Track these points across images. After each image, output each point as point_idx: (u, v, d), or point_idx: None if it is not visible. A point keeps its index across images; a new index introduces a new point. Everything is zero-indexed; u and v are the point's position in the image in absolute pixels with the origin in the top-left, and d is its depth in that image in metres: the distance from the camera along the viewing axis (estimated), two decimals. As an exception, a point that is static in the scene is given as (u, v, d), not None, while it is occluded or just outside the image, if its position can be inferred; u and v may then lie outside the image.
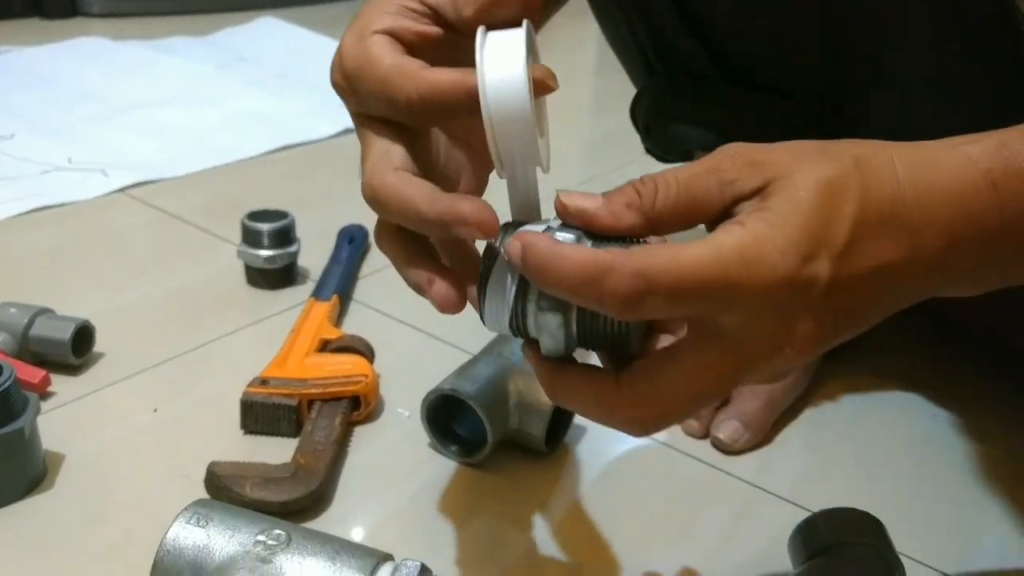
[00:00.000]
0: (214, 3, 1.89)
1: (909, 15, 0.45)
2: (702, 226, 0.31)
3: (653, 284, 0.27)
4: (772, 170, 0.29)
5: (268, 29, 1.69)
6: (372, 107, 0.34)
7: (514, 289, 0.31)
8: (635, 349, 0.32)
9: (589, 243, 0.30)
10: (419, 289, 0.34)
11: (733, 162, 0.30)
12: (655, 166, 0.63)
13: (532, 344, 0.32)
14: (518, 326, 0.32)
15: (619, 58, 0.62)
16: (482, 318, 0.33)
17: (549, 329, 0.31)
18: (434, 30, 0.35)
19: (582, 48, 1.78)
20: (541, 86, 0.32)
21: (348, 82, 0.34)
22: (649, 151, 0.63)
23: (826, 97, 0.51)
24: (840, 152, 0.30)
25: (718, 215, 0.30)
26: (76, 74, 1.28)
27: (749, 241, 0.27)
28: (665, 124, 0.58)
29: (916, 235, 0.29)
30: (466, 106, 0.31)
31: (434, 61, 0.33)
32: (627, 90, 0.67)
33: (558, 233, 0.30)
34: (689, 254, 0.27)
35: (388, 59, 0.33)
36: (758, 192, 0.29)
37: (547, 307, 0.30)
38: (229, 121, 1.14)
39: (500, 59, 0.31)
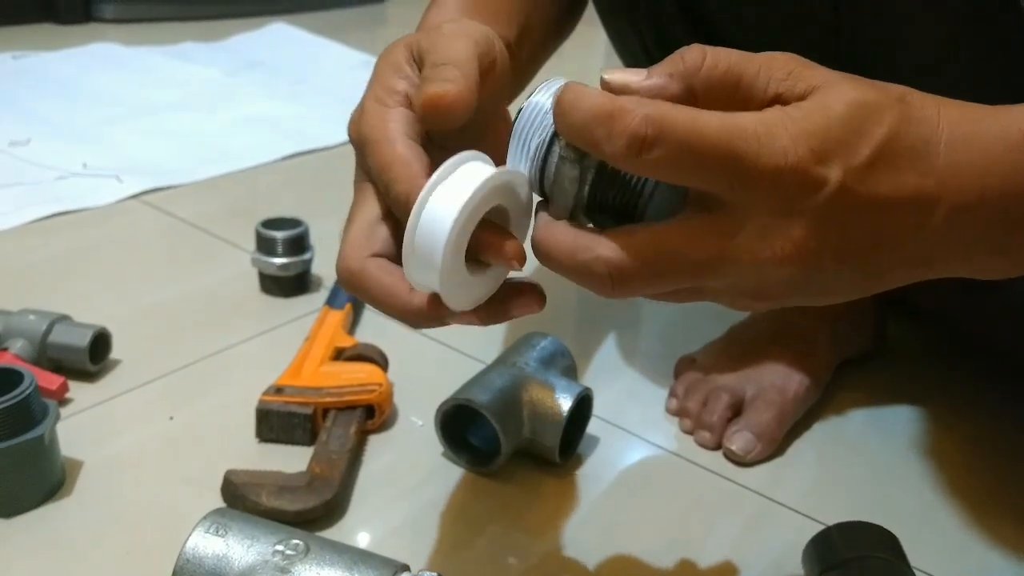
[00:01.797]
0: (226, 9, 1.91)
1: (922, 23, 0.45)
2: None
3: (663, 133, 0.27)
4: (820, 80, 0.29)
5: (280, 35, 1.70)
6: (372, 178, 0.35)
7: (544, 139, 0.31)
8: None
9: None
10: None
11: (786, 63, 0.29)
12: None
13: (543, 205, 0.32)
14: (538, 177, 0.32)
15: (623, 62, 0.62)
16: (508, 159, 0.32)
17: (562, 183, 0.31)
18: None
19: (591, 56, 1.79)
20: (494, 252, 0.31)
21: (359, 146, 0.35)
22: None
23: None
24: (889, 87, 0.30)
25: (757, 105, 0.29)
26: (90, 79, 1.29)
27: (766, 122, 0.27)
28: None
29: (941, 178, 0.29)
30: None
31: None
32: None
33: None
34: (706, 117, 0.27)
35: (399, 146, 0.33)
36: (799, 100, 0.29)
37: (567, 156, 0.30)
38: (242, 127, 1.15)
39: (441, 204, 0.29)
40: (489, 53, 0.35)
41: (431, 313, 0.32)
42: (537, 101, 0.32)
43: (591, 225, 0.31)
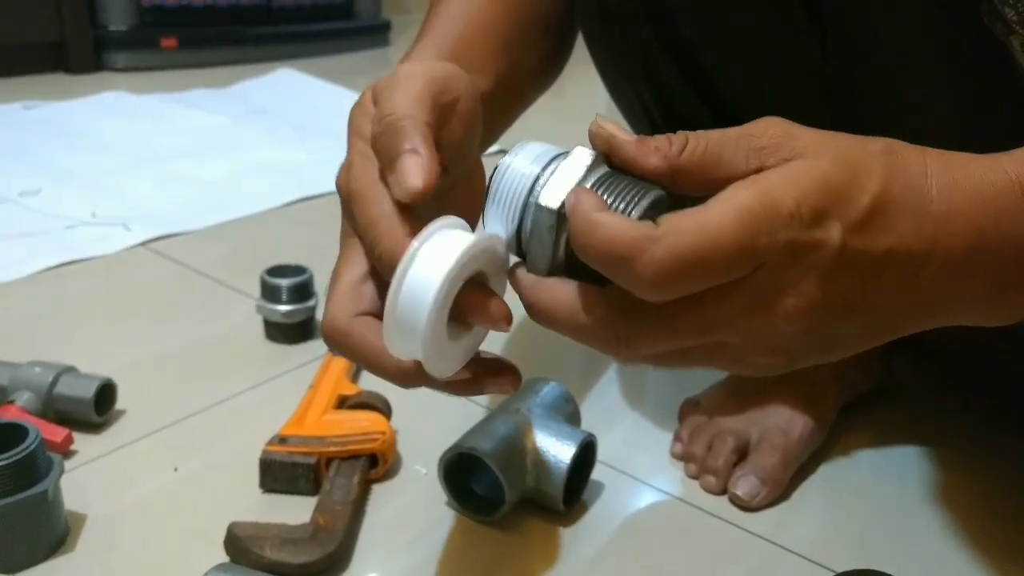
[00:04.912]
0: (234, 55, 1.95)
1: (911, 61, 0.45)
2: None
3: (685, 264, 0.27)
4: (801, 145, 0.29)
5: (286, 81, 1.73)
6: (359, 234, 0.34)
7: (520, 198, 0.32)
8: None
9: (603, 168, 0.31)
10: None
11: (767, 130, 0.30)
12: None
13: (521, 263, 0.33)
14: (515, 237, 0.32)
15: (626, 119, 0.63)
16: (484, 216, 0.33)
17: (541, 241, 0.31)
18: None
19: (592, 91, 1.81)
20: (480, 314, 0.31)
21: (346, 200, 0.35)
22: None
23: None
24: (872, 142, 0.30)
25: (740, 179, 0.30)
26: (100, 128, 1.31)
27: (764, 193, 0.28)
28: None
29: (938, 225, 0.29)
30: None
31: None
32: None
33: (577, 148, 0.32)
34: (715, 221, 0.27)
35: (385, 204, 0.33)
36: (783, 163, 0.29)
37: (545, 215, 0.31)
38: (248, 173, 1.17)
39: (426, 266, 0.30)
40: (447, 91, 0.35)
41: (416, 376, 0.32)
42: (510, 162, 0.32)
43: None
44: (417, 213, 0.33)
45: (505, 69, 0.46)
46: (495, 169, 0.33)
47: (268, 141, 1.32)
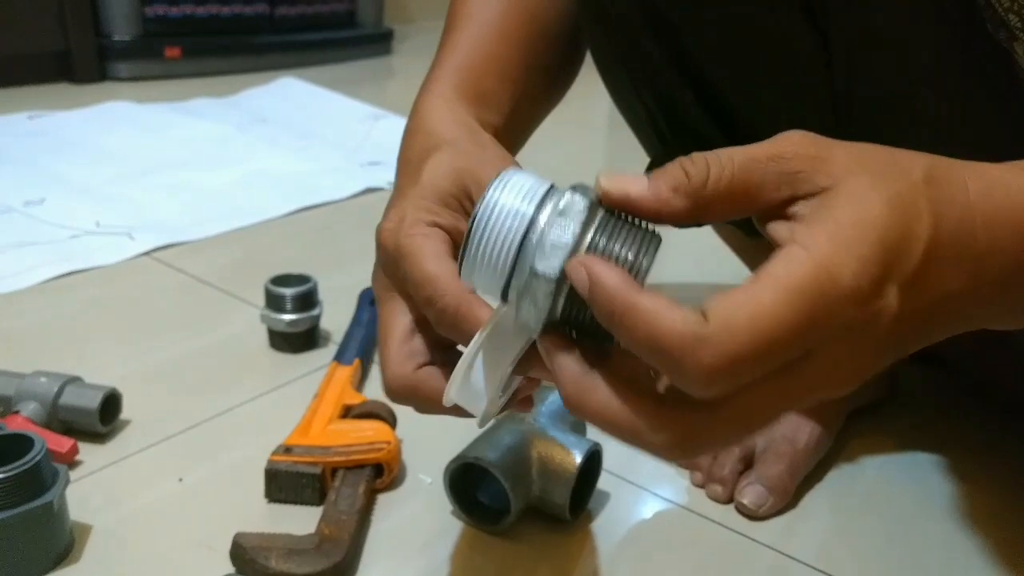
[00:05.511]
0: (237, 64, 1.95)
1: (914, 66, 0.45)
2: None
3: (738, 366, 0.25)
4: (838, 171, 0.27)
5: (289, 89, 1.73)
6: (408, 290, 0.35)
7: (511, 247, 0.29)
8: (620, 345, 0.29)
9: (599, 213, 0.28)
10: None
11: (796, 152, 0.27)
12: (667, 227, 0.64)
13: (551, 340, 0.29)
14: (503, 286, 0.29)
15: (632, 129, 0.63)
16: (460, 264, 0.30)
17: (534, 296, 0.28)
18: None
19: (595, 103, 1.82)
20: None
21: (395, 255, 0.35)
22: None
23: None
24: (910, 165, 0.28)
25: (773, 208, 0.28)
26: (104, 137, 1.31)
27: (821, 270, 0.25)
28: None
29: (980, 264, 0.28)
30: None
31: None
32: (640, 146, 0.68)
33: (568, 192, 0.28)
34: (767, 315, 0.25)
35: (444, 264, 0.34)
36: (819, 193, 0.27)
37: (543, 270, 0.28)
38: (251, 182, 1.17)
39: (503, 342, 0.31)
40: (462, 207, 0.37)
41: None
42: (495, 200, 0.29)
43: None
44: None
45: (519, 95, 0.47)
46: (478, 206, 0.29)
47: (271, 150, 1.32)
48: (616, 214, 0.29)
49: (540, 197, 0.29)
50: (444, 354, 0.37)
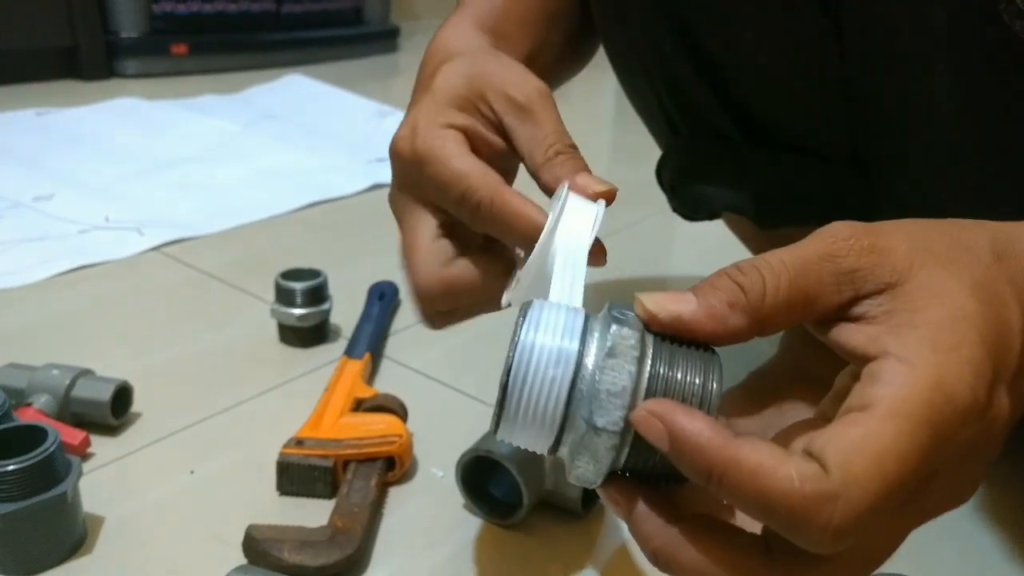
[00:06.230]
0: (244, 61, 1.95)
1: (932, 60, 0.45)
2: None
3: (869, 518, 0.22)
4: (899, 262, 0.25)
5: (296, 86, 1.73)
6: (433, 194, 0.35)
7: (561, 398, 0.25)
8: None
9: (650, 340, 0.25)
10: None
11: (850, 248, 0.25)
12: (677, 221, 0.64)
13: (622, 488, 0.26)
14: (554, 440, 0.25)
15: (642, 118, 0.63)
16: (495, 423, 0.26)
17: (595, 450, 0.24)
18: (497, 141, 0.36)
19: (600, 99, 1.81)
20: (593, 259, 0.32)
21: (415, 161, 0.35)
22: (676, 210, 0.63)
23: (854, 156, 0.52)
24: (973, 242, 0.26)
25: (835, 311, 0.25)
26: (112, 134, 1.32)
27: (936, 390, 0.23)
28: (691, 186, 0.59)
29: None
30: (524, 239, 0.32)
31: None
32: (645, 142, 0.68)
33: (613, 325, 0.25)
34: (890, 451, 0.22)
35: (469, 160, 0.34)
36: (887, 289, 0.25)
37: (603, 424, 0.24)
38: (259, 178, 1.17)
39: (576, 221, 0.31)
40: (477, 110, 0.36)
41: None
42: (529, 343, 0.25)
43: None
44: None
45: (538, 44, 0.47)
46: (510, 352, 0.25)
47: (278, 146, 1.32)
48: (666, 339, 0.26)
49: (580, 332, 0.25)
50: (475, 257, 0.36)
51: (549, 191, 0.35)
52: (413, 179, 0.36)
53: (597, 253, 0.32)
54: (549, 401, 0.25)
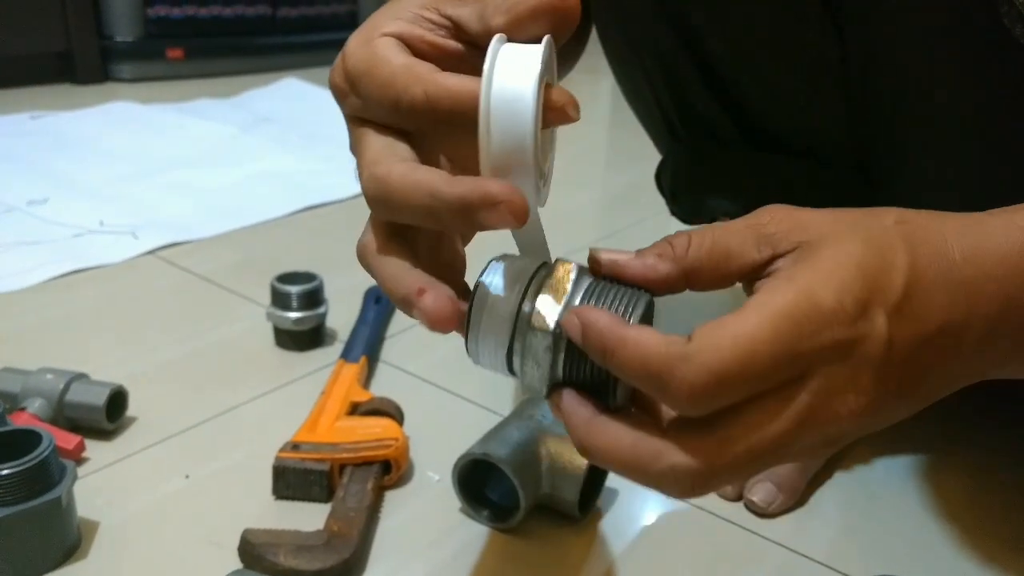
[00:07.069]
0: (239, 65, 1.95)
1: (934, 62, 0.45)
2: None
3: (722, 381, 0.26)
4: (811, 227, 0.29)
5: (291, 90, 1.73)
6: (373, 109, 0.32)
7: (509, 320, 0.31)
8: (619, 400, 0.30)
9: (588, 279, 0.31)
10: (408, 303, 0.31)
11: (773, 217, 0.29)
12: (675, 222, 0.64)
13: (560, 391, 0.31)
14: (507, 355, 0.31)
15: (640, 121, 0.63)
16: (467, 344, 0.32)
17: (536, 353, 0.30)
18: (451, 44, 0.33)
19: (596, 103, 1.82)
20: (557, 113, 0.30)
21: (350, 82, 0.33)
22: (675, 214, 0.63)
23: (855, 160, 0.52)
24: (882, 214, 0.30)
25: (754, 269, 0.29)
26: (107, 137, 1.31)
27: (802, 294, 0.26)
28: (691, 191, 0.59)
29: (970, 291, 0.28)
30: (473, 117, 0.29)
31: None
32: (641, 145, 0.68)
33: (558, 263, 0.31)
34: (748, 335, 0.26)
35: (397, 59, 0.31)
36: (798, 247, 0.28)
37: (539, 325, 0.30)
38: (255, 181, 1.17)
39: (511, 71, 0.28)
40: (432, 23, 0.33)
41: (498, 193, 0.28)
42: (489, 282, 0.32)
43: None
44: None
45: None
46: (473, 291, 0.32)
47: (274, 150, 1.32)
48: (602, 279, 0.31)
49: (533, 271, 0.32)
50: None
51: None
52: (354, 104, 0.33)
53: (557, 107, 0.30)
54: (502, 315, 0.31)
